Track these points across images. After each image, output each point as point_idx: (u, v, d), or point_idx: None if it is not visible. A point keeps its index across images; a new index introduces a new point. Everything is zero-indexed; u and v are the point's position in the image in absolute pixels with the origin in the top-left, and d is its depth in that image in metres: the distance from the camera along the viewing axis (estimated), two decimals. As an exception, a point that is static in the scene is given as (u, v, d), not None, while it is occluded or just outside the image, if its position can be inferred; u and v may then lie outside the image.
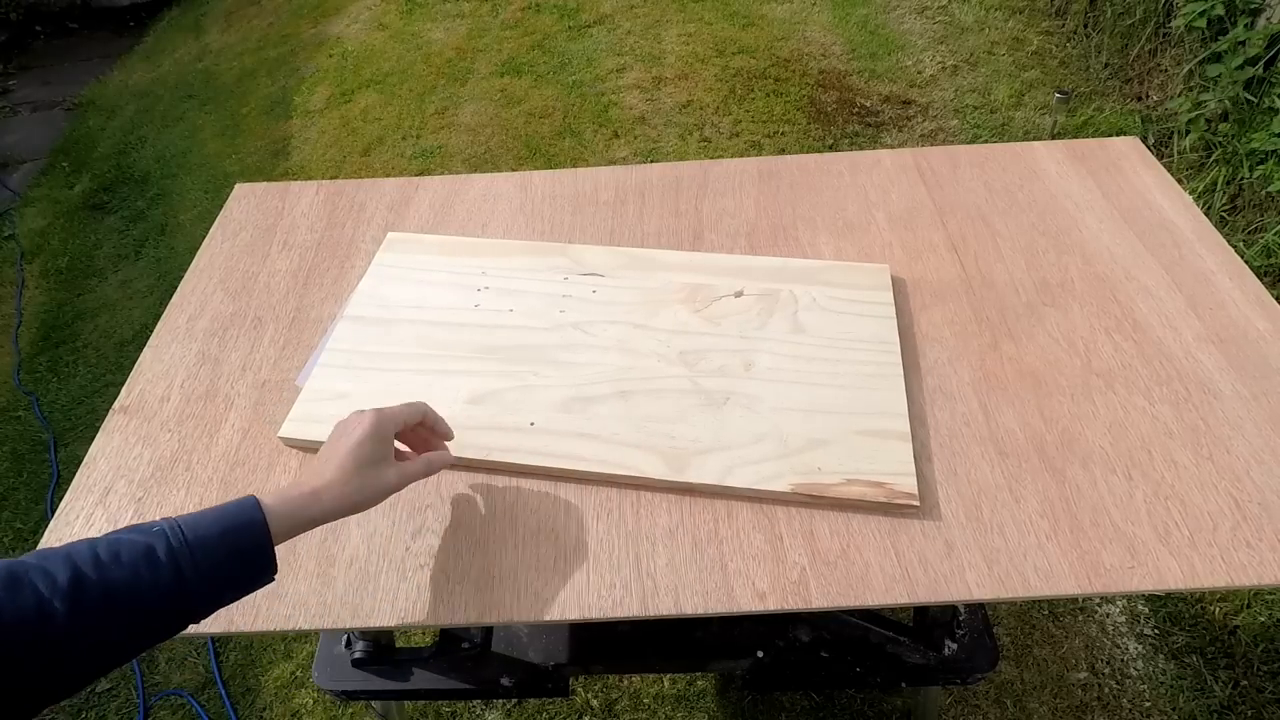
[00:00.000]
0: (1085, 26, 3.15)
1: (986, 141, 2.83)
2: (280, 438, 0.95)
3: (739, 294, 1.07)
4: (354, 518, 0.88)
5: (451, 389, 0.98)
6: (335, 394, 0.98)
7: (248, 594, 0.70)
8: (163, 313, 1.15)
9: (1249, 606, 1.63)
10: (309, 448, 0.94)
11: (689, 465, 0.88)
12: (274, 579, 0.71)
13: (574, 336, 1.03)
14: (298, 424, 0.95)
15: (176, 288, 1.18)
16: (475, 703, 1.60)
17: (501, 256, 1.15)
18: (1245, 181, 2.26)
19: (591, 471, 0.89)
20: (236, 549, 0.67)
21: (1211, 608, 1.64)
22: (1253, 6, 2.39)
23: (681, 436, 0.91)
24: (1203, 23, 2.49)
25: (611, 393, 0.96)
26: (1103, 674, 1.57)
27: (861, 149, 1.93)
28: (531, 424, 0.94)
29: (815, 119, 3.00)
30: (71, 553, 0.60)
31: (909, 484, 0.85)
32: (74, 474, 0.95)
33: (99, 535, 0.64)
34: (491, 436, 0.92)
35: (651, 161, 2.87)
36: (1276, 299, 1.03)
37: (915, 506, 0.84)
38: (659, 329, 1.03)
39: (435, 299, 1.10)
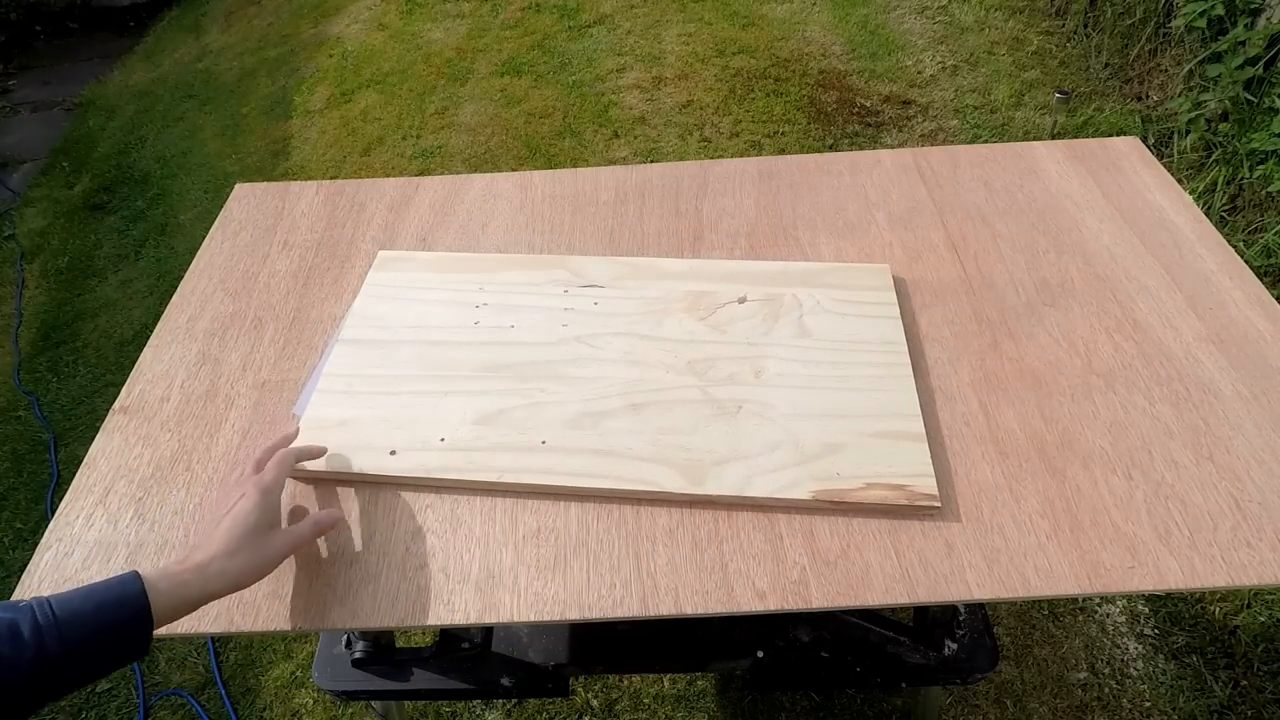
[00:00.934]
0: (1085, 26, 3.15)
1: (986, 141, 2.83)
2: None
3: (743, 300, 1.07)
4: (354, 516, 0.88)
5: (458, 410, 0.96)
6: (336, 421, 0.95)
7: (111, 672, 0.67)
8: (163, 313, 1.14)
9: (1249, 606, 1.63)
10: (312, 479, 0.92)
11: (707, 477, 0.87)
12: (143, 658, 0.68)
13: (579, 350, 1.02)
14: None
15: (176, 288, 1.18)
16: (475, 703, 1.60)
17: (497, 271, 1.13)
18: (1245, 181, 2.27)
19: (609, 488, 0.87)
20: (110, 623, 0.64)
21: (1211, 608, 1.64)
22: (1253, 6, 2.39)
23: (696, 448, 0.90)
24: (1203, 23, 2.49)
25: (622, 406, 0.95)
26: (1103, 674, 1.57)
27: (861, 149, 1.93)
28: (543, 442, 0.92)
29: (815, 119, 3.00)
30: None
31: (929, 485, 0.84)
32: (74, 474, 0.95)
33: None
34: (503, 458, 0.90)
35: (651, 161, 2.87)
36: (1276, 299, 1.03)
37: (937, 508, 0.83)
38: (665, 339, 1.02)
39: (433, 318, 1.07)
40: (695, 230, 1.20)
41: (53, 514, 0.92)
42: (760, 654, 1.20)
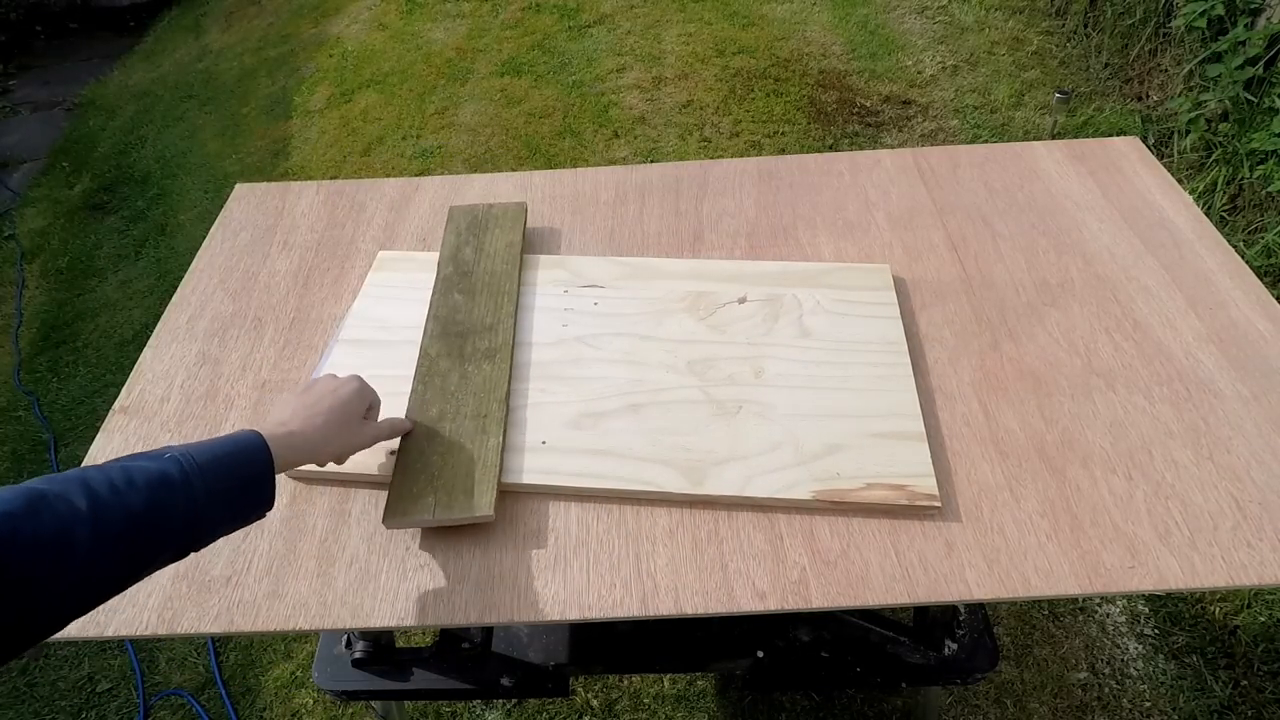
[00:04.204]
0: (1085, 26, 3.15)
1: (986, 141, 2.83)
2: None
3: (743, 300, 1.07)
4: (354, 516, 0.88)
5: None
6: None
7: (245, 525, 0.72)
8: (163, 313, 1.15)
9: (1249, 606, 1.63)
10: (317, 478, 0.92)
11: (707, 477, 0.87)
12: (268, 511, 0.73)
13: (579, 350, 1.02)
14: None
15: (176, 288, 1.18)
16: (475, 703, 1.60)
17: None
18: (1245, 181, 2.26)
19: (609, 488, 0.87)
20: (242, 476, 0.70)
21: (1211, 608, 1.64)
22: (1253, 6, 2.39)
23: (697, 448, 0.90)
24: (1203, 23, 2.49)
25: (622, 406, 0.95)
26: (1103, 674, 1.57)
27: (861, 149, 1.93)
28: (543, 442, 0.92)
29: (815, 119, 3.00)
30: (86, 478, 0.61)
31: (929, 485, 0.85)
32: (74, 474, 0.95)
33: (105, 462, 0.64)
34: (503, 458, 0.91)
35: (651, 161, 2.87)
36: (1276, 299, 1.03)
37: (937, 508, 0.83)
38: (665, 339, 1.02)
39: None
40: (695, 230, 1.20)
41: (53, 514, 0.92)
42: (760, 654, 1.20)
